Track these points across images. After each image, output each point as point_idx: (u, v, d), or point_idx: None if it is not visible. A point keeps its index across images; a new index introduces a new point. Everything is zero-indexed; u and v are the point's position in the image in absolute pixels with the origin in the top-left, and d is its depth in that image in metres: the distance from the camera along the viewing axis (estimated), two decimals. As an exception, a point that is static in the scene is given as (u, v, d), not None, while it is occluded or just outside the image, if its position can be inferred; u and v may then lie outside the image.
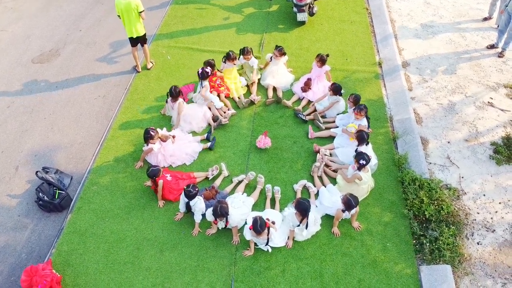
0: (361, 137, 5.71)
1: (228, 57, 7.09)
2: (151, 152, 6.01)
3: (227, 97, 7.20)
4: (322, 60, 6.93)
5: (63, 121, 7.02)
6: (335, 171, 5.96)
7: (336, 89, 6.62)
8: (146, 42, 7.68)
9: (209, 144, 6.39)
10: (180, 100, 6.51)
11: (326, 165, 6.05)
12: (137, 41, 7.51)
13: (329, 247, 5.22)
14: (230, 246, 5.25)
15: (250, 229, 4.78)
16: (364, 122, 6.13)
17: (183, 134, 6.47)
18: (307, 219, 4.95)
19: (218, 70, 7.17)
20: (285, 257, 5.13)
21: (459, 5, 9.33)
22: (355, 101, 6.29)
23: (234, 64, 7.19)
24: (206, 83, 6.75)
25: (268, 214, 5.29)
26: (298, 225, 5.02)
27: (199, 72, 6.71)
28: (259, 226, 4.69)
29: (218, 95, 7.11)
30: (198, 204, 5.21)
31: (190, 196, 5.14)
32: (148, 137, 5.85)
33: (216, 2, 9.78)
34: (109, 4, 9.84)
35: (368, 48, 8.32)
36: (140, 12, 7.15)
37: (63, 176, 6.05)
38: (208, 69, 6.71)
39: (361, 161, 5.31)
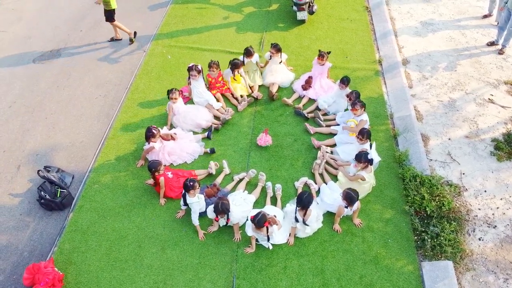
0: (362, 133, 5.70)
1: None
2: (153, 151, 6.02)
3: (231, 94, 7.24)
4: (324, 55, 6.94)
5: (64, 121, 7.03)
6: (336, 168, 5.96)
7: (348, 81, 6.68)
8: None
9: (209, 149, 6.33)
10: (172, 102, 6.54)
11: (327, 163, 6.06)
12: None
13: (330, 244, 5.22)
14: (232, 244, 5.26)
15: (250, 219, 4.81)
16: (364, 117, 6.12)
17: (184, 133, 6.47)
18: (310, 212, 4.94)
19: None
20: (286, 254, 5.13)
21: (459, 2, 9.33)
22: (355, 98, 6.29)
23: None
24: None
25: (269, 210, 5.29)
26: (304, 222, 5.01)
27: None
28: (257, 220, 4.69)
29: (223, 95, 7.17)
30: (195, 205, 5.17)
31: (187, 186, 5.07)
32: (150, 135, 5.85)
33: (216, 1, 9.80)
34: (109, 5, 9.86)
35: (368, 46, 8.32)
36: None
37: (65, 175, 6.07)
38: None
39: (365, 159, 5.31)
